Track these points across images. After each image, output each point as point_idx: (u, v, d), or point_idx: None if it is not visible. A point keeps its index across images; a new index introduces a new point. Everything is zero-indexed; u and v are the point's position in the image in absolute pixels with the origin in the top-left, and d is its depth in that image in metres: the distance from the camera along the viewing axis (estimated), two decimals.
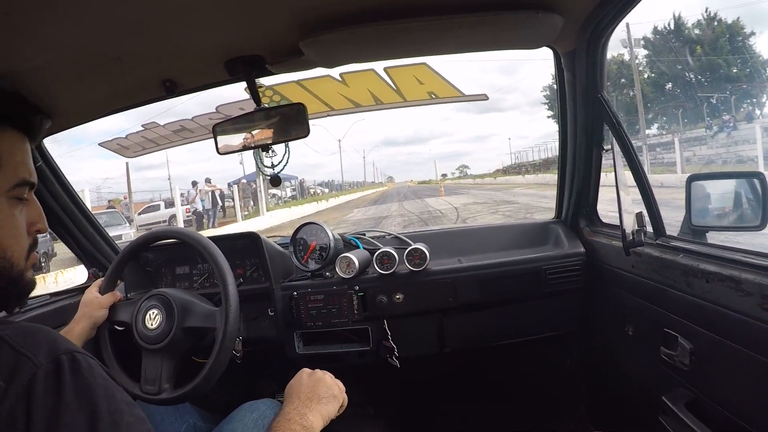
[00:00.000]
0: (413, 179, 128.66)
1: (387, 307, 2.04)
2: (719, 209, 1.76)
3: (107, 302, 1.60)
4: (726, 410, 1.26)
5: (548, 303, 2.14)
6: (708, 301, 1.30)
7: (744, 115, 30.40)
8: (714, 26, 36.56)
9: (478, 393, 2.56)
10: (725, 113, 30.93)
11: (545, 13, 1.44)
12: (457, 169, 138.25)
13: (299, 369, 2.22)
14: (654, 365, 1.57)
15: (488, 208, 20.17)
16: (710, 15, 36.62)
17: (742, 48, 35.42)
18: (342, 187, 66.97)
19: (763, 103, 34.98)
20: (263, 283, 2.09)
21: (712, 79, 35.11)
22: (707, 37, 36.35)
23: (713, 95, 33.72)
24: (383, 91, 12.94)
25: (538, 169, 49.89)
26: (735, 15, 42.91)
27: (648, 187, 1.65)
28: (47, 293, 2.13)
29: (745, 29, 36.31)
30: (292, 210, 28.04)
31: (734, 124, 26.95)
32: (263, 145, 1.81)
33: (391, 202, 33.16)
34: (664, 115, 37.83)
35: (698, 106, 32.95)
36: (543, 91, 53.44)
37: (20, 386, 0.68)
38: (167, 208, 22.79)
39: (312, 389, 1.32)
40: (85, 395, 0.70)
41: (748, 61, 35.32)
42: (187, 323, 1.52)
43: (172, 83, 1.71)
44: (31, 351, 0.71)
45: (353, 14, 1.37)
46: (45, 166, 1.98)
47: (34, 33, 1.18)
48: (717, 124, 28.68)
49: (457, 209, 21.31)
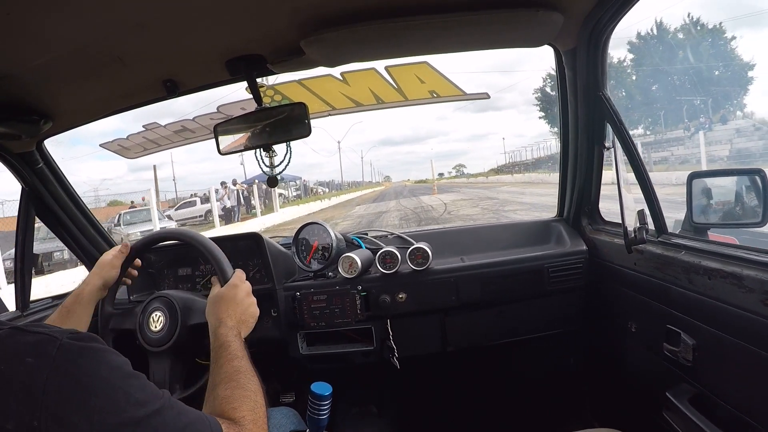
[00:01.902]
0: (410, 179, 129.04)
1: (390, 306, 2.04)
2: (720, 206, 1.76)
3: (119, 262, 1.57)
4: (729, 405, 1.26)
5: (551, 301, 2.14)
6: (710, 297, 1.31)
7: (720, 117, 32.12)
8: (696, 31, 37.45)
9: (482, 392, 2.56)
10: (702, 115, 32.85)
11: (546, 11, 1.44)
12: (453, 168, 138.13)
13: (303, 369, 2.23)
14: (657, 361, 1.57)
15: (472, 204, 24.04)
16: (693, 19, 37.56)
17: (724, 52, 36.36)
18: (341, 186, 69.12)
19: (742, 105, 36.06)
20: (266, 283, 2.09)
21: (693, 82, 36.09)
22: (689, 41, 37.36)
23: (693, 98, 34.72)
24: (384, 90, 12.93)
25: (528, 168, 51.56)
26: (718, 19, 44.17)
27: (649, 185, 1.65)
28: (50, 296, 2.14)
29: (726, 33, 37.58)
30: (300, 207, 31.09)
31: (710, 125, 29.33)
32: (264, 145, 1.81)
33: (389, 200, 36.62)
34: (649, 117, 38.59)
35: (679, 109, 34.15)
36: (534, 93, 54.26)
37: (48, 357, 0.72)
38: (202, 204, 25.45)
39: (245, 310, 1.37)
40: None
41: (728, 65, 36.32)
42: (191, 321, 1.52)
43: (172, 83, 1.71)
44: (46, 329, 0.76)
45: (354, 13, 1.37)
46: (46, 167, 1.98)
47: (34, 34, 1.19)
48: (694, 126, 30.73)
49: (446, 204, 25.25)
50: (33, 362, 0.71)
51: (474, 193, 33.77)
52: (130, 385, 0.78)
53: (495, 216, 17.51)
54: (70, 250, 2.24)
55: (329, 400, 1.39)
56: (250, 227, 18.04)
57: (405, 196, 39.38)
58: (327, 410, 1.39)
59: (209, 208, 23.97)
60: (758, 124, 28.83)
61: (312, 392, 1.37)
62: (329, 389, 1.39)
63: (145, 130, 15.51)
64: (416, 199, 33.80)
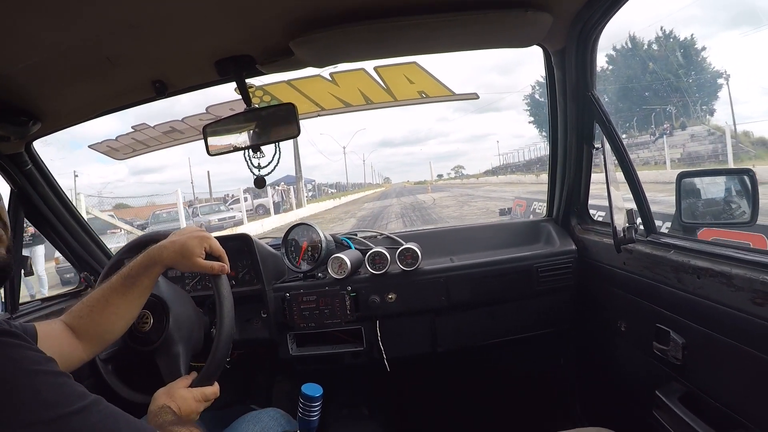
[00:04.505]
0: (409, 180, 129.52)
1: (379, 307, 2.03)
2: (709, 206, 1.77)
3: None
4: (719, 403, 1.27)
5: (541, 301, 2.14)
6: (700, 296, 1.31)
7: (680, 123, 34.91)
8: (668, 43, 39.01)
9: (472, 392, 2.56)
10: (666, 121, 35.76)
11: (534, 12, 1.45)
12: (452, 170, 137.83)
13: (292, 370, 2.23)
14: (647, 360, 1.58)
15: (453, 199, 31.78)
16: (665, 32, 39.11)
17: (695, 62, 38.26)
18: (347, 188, 75.20)
19: (708, 111, 38.14)
20: (255, 285, 2.08)
21: (662, 91, 37.95)
22: (660, 54, 39.73)
23: (658, 107, 36.66)
24: (373, 91, 12.89)
25: (514, 170, 55.35)
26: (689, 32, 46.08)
27: (638, 185, 1.66)
28: (38, 298, 2.12)
29: (696, 44, 39.68)
30: (319, 204, 37.34)
31: (671, 131, 32.91)
32: (254, 145, 1.80)
33: (392, 198, 44.54)
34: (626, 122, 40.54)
35: (648, 116, 36.21)
36: (524, 99, 55.66)
37: None
38: (256, 199, 30.70)
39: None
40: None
41: (698, 74, 38.22)
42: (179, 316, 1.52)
43: (161, 84, 1.70)
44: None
45: (343, 13, 1.37)
46: (35, 168, 1.96)
47: (23, 34, 1.17)
48: (659, 131, 34.00)
49: (435, 199, 33.14)
50: None
51: (460, 192, 41.83)
52: (41, 383, 0.73)
53: (463, 203, 25.99)
54: (59, 251, 2.23)
55: (320, 401, 1.38)
56: (299, 215, 25.93)
57: (404, 195, 46.76)
58: (318, 411, 1.38)
59: (259, 203, 29.94)
60: (712, 129, 31.26)
61: (303, 393, 1.36)
62: (320, 390, 1.38)
63: (134, 131, 15.37)
64: (413, 197, 41.00)
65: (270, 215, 25.68)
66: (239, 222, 22.31)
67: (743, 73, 62.21)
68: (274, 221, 22.77)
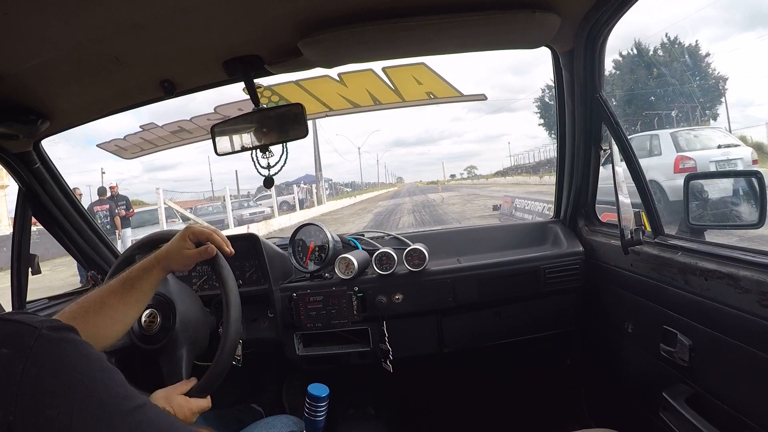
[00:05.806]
0: (422, 180, 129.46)
1: (386, 307, 2.04)
2: (716, 208, 1.77)
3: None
4: (726, 405, 1.26)
5: (547, 302, 2.14)
6: (707, 298, 1.31)
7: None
8: (673, 48, 39.28)
9: (478, 393, 2.55)
10: (667, 125, 35.12)
11: (542, 13, 1.44)
12: (465, 170, 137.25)
13: (299, 370, 2.23)
14: (654, 362, 1.57)
15: (461, 198, 32.69)
16: (670, 39, 39.19)
17: (700, 67, 38.46)
18: (361, 187, 78.47)
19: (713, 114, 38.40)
20: (262, 284, 2.08)
21: (666, 96, 38.42)
22: (666, 60, 39.48)
23: (661, 112, 37.04)
24: (382, 92, 12.87)
25: (525, 172, 54.42)
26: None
27: (646, 187, 1.65)
28: (46, 297, 2.13)
29: (700, 50, 39.25)
30: (338, 201, 38.76)
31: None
32: (262, 145, 1.80)
33: (404, 197, 46.32)
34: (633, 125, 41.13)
35: (651, 120, 36.79)
36: (535, 102, 55.49)
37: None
38: (278, 197, 30.28)
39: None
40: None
41: (702, 80, 38.40)
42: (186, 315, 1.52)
43: (170, 84, 1.71)
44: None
45: (351, 14, 1.37)
46: (42, 167, 1.98)
47: (32, 34, 1.18)
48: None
49: (444, 198, 34.08)
50: (9, 353, 0.68)
51: (468, 191, 43.02)
52: (110, 378, 0.74)
53: (467, 201, 27.60)
54: (66, 250, 2.24)
55: (326, 402, 1.38)
56: (320, 211, 29.09)
57: (416, 194, 48.63)
58: (324, 411, 1.38)
59: (282, 200, 30.15)
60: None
61: (309, 393, 1.36)
62: (326, 390, 1.38)
63: (142, 130, 15.42)
64: (424, 196, 43.14)
65: (296, 210, 27.39)
66: (269, 216, 24.16)
67: (760, 76, 61.52)
68: (299, 216, 24.21)
